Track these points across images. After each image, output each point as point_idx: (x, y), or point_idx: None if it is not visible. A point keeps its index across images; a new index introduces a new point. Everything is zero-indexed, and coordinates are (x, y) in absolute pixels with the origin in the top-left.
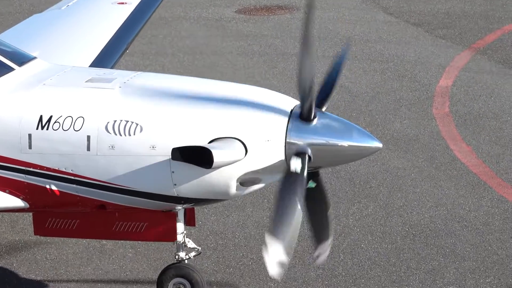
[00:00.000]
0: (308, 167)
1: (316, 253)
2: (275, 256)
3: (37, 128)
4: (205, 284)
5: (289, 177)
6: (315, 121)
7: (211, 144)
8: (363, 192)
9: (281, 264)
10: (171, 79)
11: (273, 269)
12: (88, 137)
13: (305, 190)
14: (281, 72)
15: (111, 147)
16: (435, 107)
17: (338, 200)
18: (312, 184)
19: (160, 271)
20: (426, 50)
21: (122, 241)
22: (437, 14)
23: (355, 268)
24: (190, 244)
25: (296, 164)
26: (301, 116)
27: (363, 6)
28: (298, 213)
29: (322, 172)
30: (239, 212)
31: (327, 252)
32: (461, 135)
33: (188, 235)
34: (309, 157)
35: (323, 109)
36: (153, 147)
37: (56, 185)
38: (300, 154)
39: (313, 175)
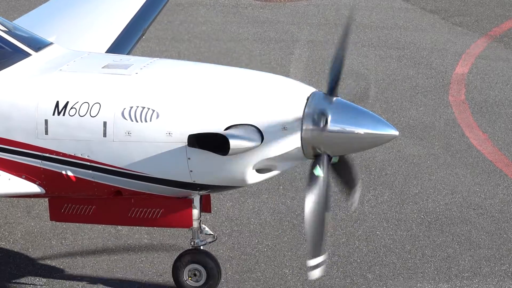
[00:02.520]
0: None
1: (350, 202)
2: (318, 266)
3: (53, 114)
4: (220, 270)
5: (315, 183)
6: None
7: (228, 131)
8: (379, 179)
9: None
10: (187, 65)
11: (315, 274)
12: (105, 123)
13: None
14: (297, 59)
15: (127, 133)
16: (451, 94)
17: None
18: (335, 159)
19: (175, 257)
20: (442, 37)
21: (137, 227)
22: (453, 1)
23: (370, 255)
24: (206, 230)
25: (319, 170)
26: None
27: None
28: (327, 218)
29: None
30: (254, 199)
31: (358, 198)
32: (477, 123)
33: (203, 222)
34: (326, 121)
35: (337, 96)
36: (169, 133)
37: (72, 171)
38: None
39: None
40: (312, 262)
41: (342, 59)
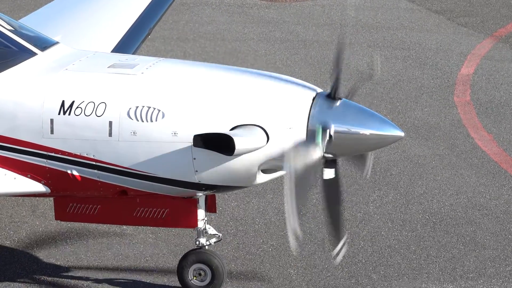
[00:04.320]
0: (329, 156)
1: (335, 251)
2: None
3: (59, 113)
4: (225, 270)
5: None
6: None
7: (233, 131)
8: (384, 180)
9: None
10: (192, 65)
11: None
12: (110, 122)
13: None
14: (302, 59)
15: (133, 133)
16: (456, 95)
17: (359, 187)
18: (330, 173)
19: (180, 257)
20: (447, 38)
21: (142, 226)
22: (459, 1)
23: (375, 255)
24: (211, 230)
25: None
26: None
27: None
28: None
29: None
30: (259, 199)
31: (344, 250)
32: (482, 123)
33: (208, 221)
34: (331, 136)
35: (343, 97)
36: (175, 133)
37: (77, 170)
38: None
39: (332, 164)
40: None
41: (342, 60)
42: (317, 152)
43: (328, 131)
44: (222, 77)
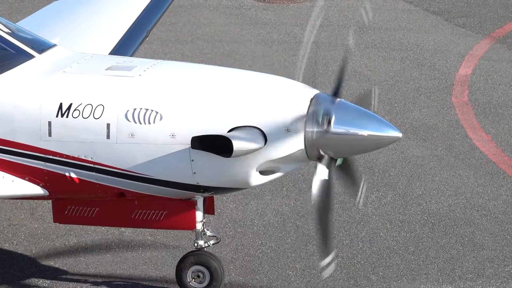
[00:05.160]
0: (326, 156)
1: (325, 263)
2: (328, 265)
3: (57, 116)
4: (224, 271)
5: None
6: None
7: (231, 133)
8: (382, 181)
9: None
10: (190, 67)
11: (327, 272)
12: (108, 125)
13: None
14: (300, 61)
15: (131, 135)
16: (454, 95)
17: (357, 188)
18: (339, 161)
19: (179, 259)
20: (445, 39)
21: (141, 229)
22: (456, 2)
23: (374, 256)
24: (209, 232)
25: (323, 172)
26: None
27: None
28: (331, 218)
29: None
30: (258, 200)
31: (363, 195)
32: (480, 124)
33: (207, 223)
34: (330, 122)
35: (341, 98)
36: (172, 135)
37: (75, 173)
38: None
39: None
40: (323, 262)
41: (345, 61)
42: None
43: (326, 123)
44: (220, 79)
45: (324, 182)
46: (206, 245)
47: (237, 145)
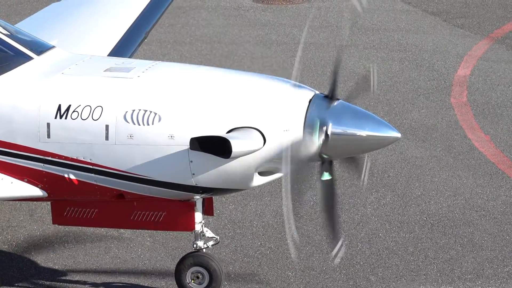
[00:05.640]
0: (325, 157)
1: (334, 252)
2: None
3: (55, 117)
4: (223, 273)
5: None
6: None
7: (230, 134)
8: (381, 182)
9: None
10: (189, 68)
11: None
12: (107, 126)
13: (320, 182)
14: (299, 62)
15: (129, 137)
16: (453, 96)
17: (356, 189)
18: (327, 176)
19: (178, 260)
20: (444, 39)
21: (140, 230)
22: (455, 3)
23: (373, 257)
24: (208, 233)
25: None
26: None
27: None
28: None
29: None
30: (257, 201)
31: (343, 251)
32: (479, 125)
33: (206, 224)
34: (327, 137)
35: (339, 99)
36: (171, 136)
37: (74, 174)
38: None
39: (329, 166)
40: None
41: (339, 61)
42: (313, 149)
43: (325, 128)
44: (218, 80)
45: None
46: (205, 246)
47: (236, 146)
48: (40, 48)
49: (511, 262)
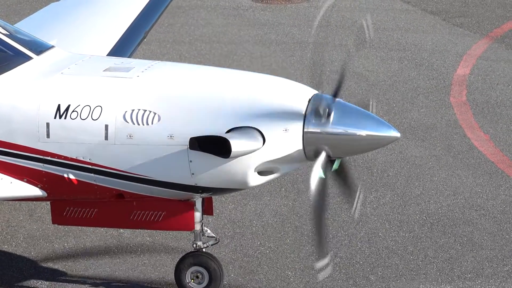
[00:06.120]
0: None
1: (321, 265)
2: (324, 268)
3: (55, 117)
4: (222, 272)
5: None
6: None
7: (229, 133)
8: (381, 181)
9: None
10: (188, 68)
11: (323, 275)
12: (106, 126)
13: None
14: (298, 61)
15: (129, 136)
16: (453, 95)
17: (356, 189)
18: (336, 166)
19: (178, 260)
20: (443, 39)
21: (139, 230)
22: (454, 2)
23: (373, 256)
24: (208, 233)
25: (320, 172)
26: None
27: None
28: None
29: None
30: (256, 201)
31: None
32: (478, 124)
33: (205, 224)
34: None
35: (339, 98)
36: (171, 136)
37: (74, 174)
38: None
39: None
40: (319, 264)
41: (346, 63)
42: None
43: (327, 109)
44: (218, 79)
45: (321, 182)
46: (205, 245)
47: (235, 145)
48: (39, 48)
49: (510, 261)
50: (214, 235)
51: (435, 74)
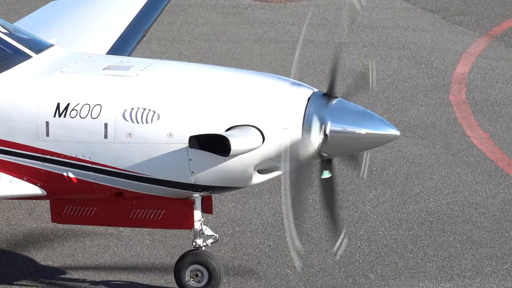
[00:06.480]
0: (324, 156)
1: (336, 247)
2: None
3: (54, 116)
4: (222, 270)
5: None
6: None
7: (228, 132)
8: (380, 179)
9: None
10: (188, 66)
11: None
12: (106, 124)
13: (320, 180)
14: (298, 59)
15: (128, 135)
16: (452, 94)
17: (355, 187)
18: (327, 174)
19: (177, 258)
20: (442, 37)
21: (139, 228)
22: (453, 0)
23: (372, 254)
24: (208, 231)
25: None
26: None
27: None
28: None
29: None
30: (256, 199)
31: (344, 245)
32: (478, 122)
33: (205, 222)
34: (326, 136)
35: (338, 96)
36: (170, 134)
37: (73, 173)
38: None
39: (328, 164)
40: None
41: (338, 59)
42: (312, 147)
43: (324, 128)
44: (217, 78)
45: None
46: (205, 244)
47: (235, 144)
48: (38, 47)
49: (510, 259)
50: (213, 234)
51: (435, 72)
